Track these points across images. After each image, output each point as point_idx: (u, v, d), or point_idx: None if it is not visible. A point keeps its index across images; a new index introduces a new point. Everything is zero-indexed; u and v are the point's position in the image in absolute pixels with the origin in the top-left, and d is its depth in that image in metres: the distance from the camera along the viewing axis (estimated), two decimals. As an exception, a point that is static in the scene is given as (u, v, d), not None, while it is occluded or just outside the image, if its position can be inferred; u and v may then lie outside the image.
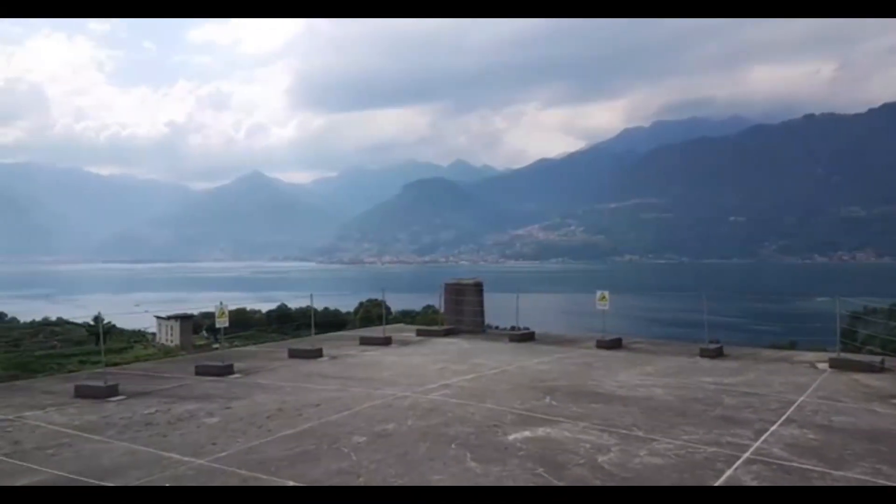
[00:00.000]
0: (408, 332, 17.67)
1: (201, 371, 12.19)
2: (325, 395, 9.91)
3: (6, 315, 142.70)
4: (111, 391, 10.41)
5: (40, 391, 11.03)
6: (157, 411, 9.20)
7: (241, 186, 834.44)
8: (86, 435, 8.15)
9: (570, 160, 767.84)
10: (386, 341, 15.33)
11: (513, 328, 16.81)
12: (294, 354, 13.90)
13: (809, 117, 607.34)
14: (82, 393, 10.53)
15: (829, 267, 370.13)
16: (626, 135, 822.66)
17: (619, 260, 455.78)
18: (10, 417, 9.05)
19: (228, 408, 9.27)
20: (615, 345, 14.55)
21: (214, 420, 8.63)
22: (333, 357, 13.67)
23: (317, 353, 13.74)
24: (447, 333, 16.61)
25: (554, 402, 9.17)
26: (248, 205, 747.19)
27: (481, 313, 17.34)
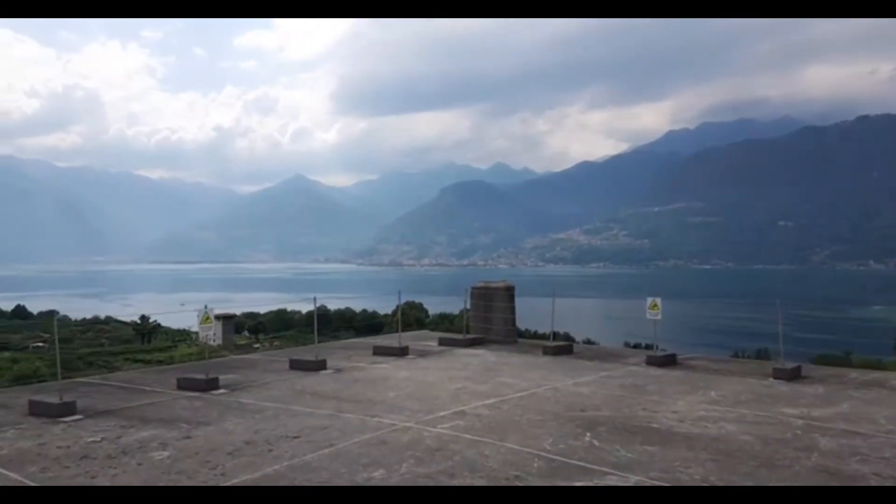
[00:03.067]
0: (430, 340, 15.74)
1: (183, 385, 10.55)
2: (309, 422, 8.08)
3: (58, 313, 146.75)
4: (66, 409, 8.81)
5: (-3, 405, 9.53)
6: (103, 439, 7.52)
7: (284, 189, 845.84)
8: (3, 470, 6.52)
9: (613, 163, 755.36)
10: (401, 352, 13.44)
11: (554, 335, 14.69)
12: (295, 366, 12.16)
13: (864, 118, 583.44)
14: (35, 410, 8.97)
15: (886, 274, 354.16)
16: (671, 137, 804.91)
17: (664, 265, 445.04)
18: (-65, 442, 7.50)
19: (188, 437, 7.52)
20: (669, 361, 12.36)
21: (164, 455, 6.88)
22: (338, 370, 11.85)
23: (319, 366, 11.96)
24: (472, 343, 14.62)
25: (596, 442, 7.13)
26: (292, 207, 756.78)
27: (512, 321, 15.30)
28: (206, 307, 10.64)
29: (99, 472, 6.41)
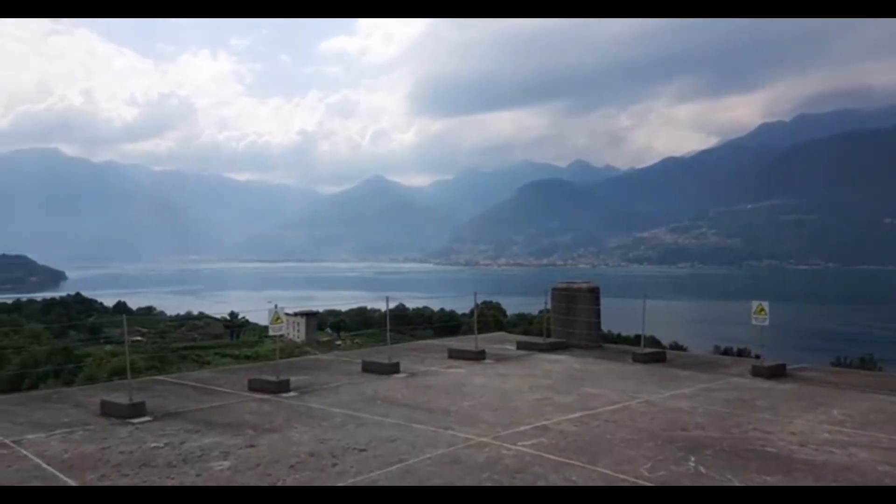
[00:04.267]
0: (508, 343, 14.94)
1: (254, 386, 10.25)
2: (378, 433, 7.48)
3: (155, 309, 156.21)
4: (135, 411, 8.61)
5: (73, 404, 9.48)
6: (166, 445, 7.19)
7: (364, 190, 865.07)
8: (62, 476, 6.27)
9: (701, 158, 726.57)
10: (478, 356, 12.71)
11: (643, 341, 13.63)
12: (368, 368, 11.68)
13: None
14: (106, 410, 8.84)
15: None
16: (765, 130, 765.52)
17: (757, 265, 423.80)
18: (8, 441, 7.41)
19: (252, 446, 7.08)
20: (778, 372, 11.04)
21: (224, 465, 6.45)
22: (411, 374, 11.26)
23: (392, 369, 11.41)
24: (553, 348, 13.70)
25: (702, 469, 6.15)
26: (371, 208, 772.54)
27: (597, 325, 14.26)
28: (275, 307, 10.31)
29: (156, 482, 6.04)
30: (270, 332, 10.31)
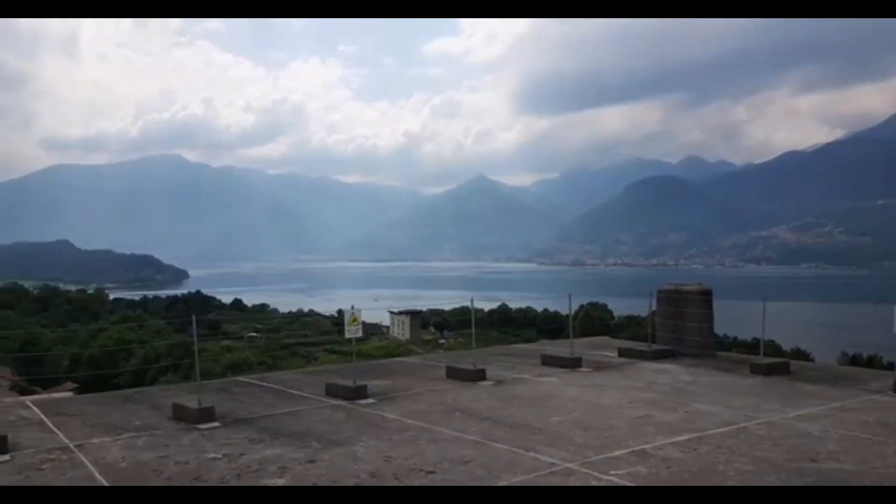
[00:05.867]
0: (609, 349, 13.69)
1: (331, 391, 9.77)
2: (451, 451, 6.66)
3: (269, 305, 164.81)
4: (204, 415, 8.28)
5: (150, 405, 9.36)
6: (225, 456, 6.74)
7: (467, 190, 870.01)
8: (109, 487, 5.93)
9: (825, 151, 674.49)
10: (574, 363, 11.62)
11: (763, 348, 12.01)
12: (452, 374, 10.94)
13: None
14: (177, 414, 8.60)
15: None
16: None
17: (890, 266, 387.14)
18: (72, 445, 7.24)
19: (311, 461, 6.48)
20: (932, 392, 9.23)
21: (277, 483, 5.87)
22: (498, 381, 10.39)
23: (478, 376, 10.60)
24: (659, 356, 12.34)
25: (845, 519, 4.87)
26: (474, 207, 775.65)
27: (709, 331, 12.73)
28: (352, 308, 9.78)
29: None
30: (347, 335, 9.79)
